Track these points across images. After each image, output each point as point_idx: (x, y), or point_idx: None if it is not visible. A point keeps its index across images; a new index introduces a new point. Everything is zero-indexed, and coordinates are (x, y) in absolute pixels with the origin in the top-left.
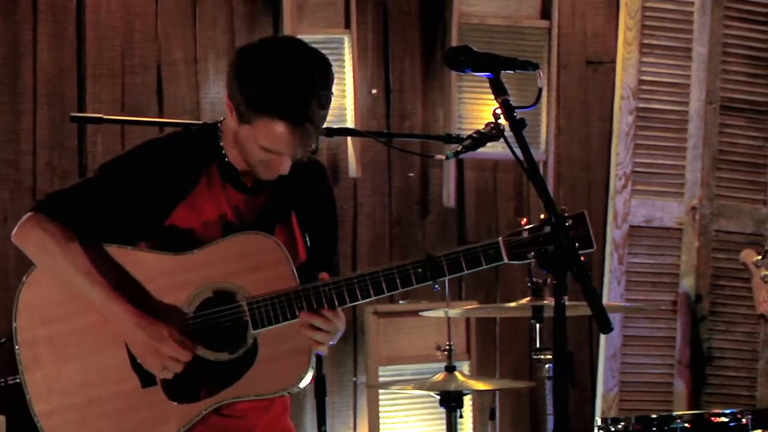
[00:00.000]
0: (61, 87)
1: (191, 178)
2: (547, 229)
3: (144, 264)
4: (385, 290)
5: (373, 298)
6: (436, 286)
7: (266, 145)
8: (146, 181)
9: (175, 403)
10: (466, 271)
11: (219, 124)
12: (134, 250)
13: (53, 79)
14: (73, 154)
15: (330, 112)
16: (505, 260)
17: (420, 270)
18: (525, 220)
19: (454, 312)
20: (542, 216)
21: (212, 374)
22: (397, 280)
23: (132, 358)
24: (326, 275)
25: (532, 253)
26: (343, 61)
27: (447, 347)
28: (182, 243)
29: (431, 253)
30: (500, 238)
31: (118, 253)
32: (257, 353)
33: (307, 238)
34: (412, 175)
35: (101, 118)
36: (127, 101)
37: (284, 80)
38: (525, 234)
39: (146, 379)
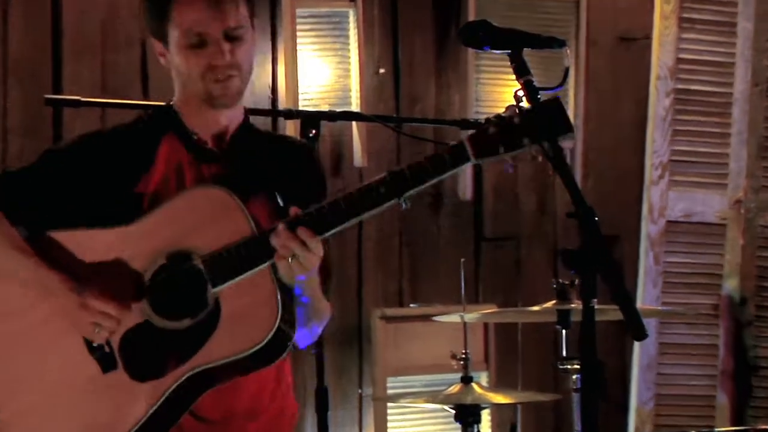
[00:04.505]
0: (34, 66)
1: (149, 149)
2: (517, 120)
3: (89, 243)
4: (346, 217)
5: (338, 229)
6: (404, 203)
7: (191, 28)
8: (87, 171)
9: (141, 382)
10: (434, 179)
11: (170, 101)
12: (78, 231)
13: (25, 57)
14: (47, 141)
15: (332, 94)
16: (473, 160)
17: (383, 189)
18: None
19: (471, 317)
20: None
21: (176, 344)
22: (359, 202)
23: (88, 343)
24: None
25: (503, 148)
26: (347, 37)
27: (463, 356)
28: (142, 212)
29: (392, 169)
30: (465, 136)
31: (61, 237)
32: (220, 313)
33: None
34: None
35: (79, 100)
36: (108, 82)
37: None
38: (492, 128)
39: (106, 363)
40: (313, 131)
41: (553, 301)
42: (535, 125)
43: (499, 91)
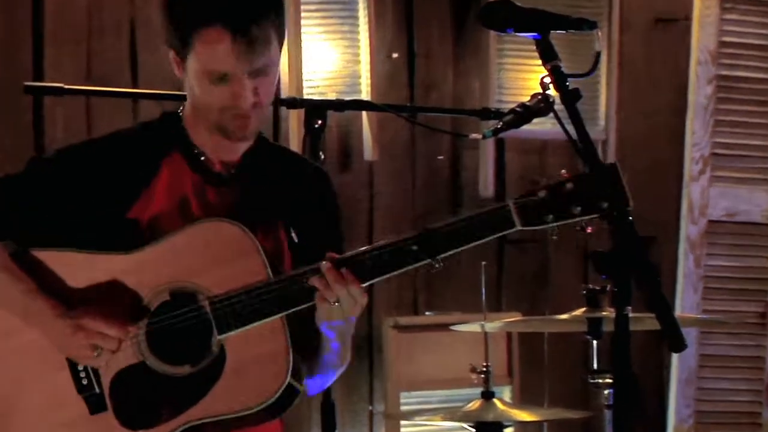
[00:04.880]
0: (12, 51)
1: (147, 168)
2: (570, 185)
3: (84, 268)
4: (370, 276)
5: (374, 281)
6: (437, 264)
7: (213, 67)
8: (78, 187)
9: (130, 430)
10: (471, 243)
11: (179, 111)
12: (72, 253)
13: (2, 41)
14: (27, 132)
15: (340, 81)
16: (518, 226)
17: (414, 246)
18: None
19: (493, 326)
20: (563, 172)
21: (173, 392)
22: (388, 262)
23: (77, 380)
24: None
25: (551, 216)
26: (356, 18)
27: (483, 369)
28: (141, 239)
29: (428, 226)
30: (510, 200)
31: (44, 257)
32: (224, 363)
33: (296, 253)
34: (441, 158)
35: (62, 88)
36: (93, 69)
37: None
38: (542, 192)
39: (95, 403)
40: (319, 122)
41: (583, 309)
42: (589, 195)
43: (524, 78)
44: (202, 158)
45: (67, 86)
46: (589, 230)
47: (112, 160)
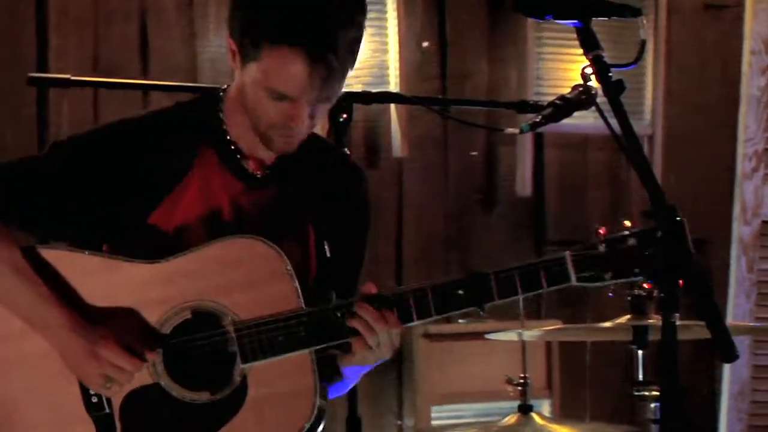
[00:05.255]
0: (14, 40)
1: (177, 166)
2: (632, 241)
3: (101, 276)
4: (414, 317)
5: (413, 324)
6: (482, 312)
7: (277, 87)
8: (107, 174)
9: None
10: (520, 295)
11: (221, 92)
12: (87, 255)
13: (4, 29)
14: (30, 126)
15: (366, 71)
16: (573, 281)
17: (461, 291)
18: (604, 230)
19: (531, 334)
20: (627, 223)
21: (188, 419)
22: (431, 304)
23: (86, 397)
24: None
25: (609, 274)
26: (384, 4)
27: (521, 381)
28: (161, 247)
29: (477, 271)
30: (567, 252)
31: (60, 257)
32: (246, 395)
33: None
34: (475, 154)
35: (68, 79)
36: (101, 58)
37: None
38: (602, 247)
39: (103, 425)
40: (344, 116)
41: (628, 317)
42: (652, 256)
43: (564, 68)
44: (238, 156)
45: (73, 77)
46: (646, 285)
47: (142, 152)
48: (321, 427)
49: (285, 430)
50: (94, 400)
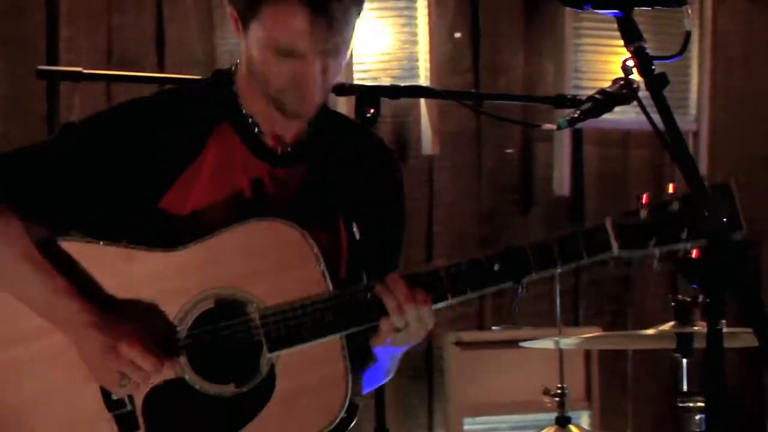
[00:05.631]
0: (23, 31)
1: (190, 145)
2: (675, 206)
3: (118, 266)
4: (449, 296)
5: (445, 303)
6: (521, 289)
7: (281, 41)
8: (120, 154)
9: None
10: (559, 267)
11: (232, 69)
12: (103, 246)
13: (13, 20)
14: (40, 121)
15: (395, 64)
16: (615, 251)
17: (497, 266)
18: (646, 196)
19: (569, 342)
20: (671, 187)
21: (214, 414)
22: (466, 280)
23: (106, 394)
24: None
25: (654, 240)
26: None
27: (558, 391)
28: (176, 233)
29: (513, 244)
30: (608, 218)
31: (76, 249)
32: (274, 386)
33: (353, 239)
34: (510, 151)
35: (80, 72)
36: (115, 50)
37: None
38: (644, 213)
39: (125, 423)
40: (371, 110)
41: (672, 323)
42: (699, 216)
43: (603, 61)
44: (256, 130)
45: (85, 70)
46: (694, 254)
47: (152, 129)
48: (353, 424)
49: (318, 421)
50: (115, 397)
